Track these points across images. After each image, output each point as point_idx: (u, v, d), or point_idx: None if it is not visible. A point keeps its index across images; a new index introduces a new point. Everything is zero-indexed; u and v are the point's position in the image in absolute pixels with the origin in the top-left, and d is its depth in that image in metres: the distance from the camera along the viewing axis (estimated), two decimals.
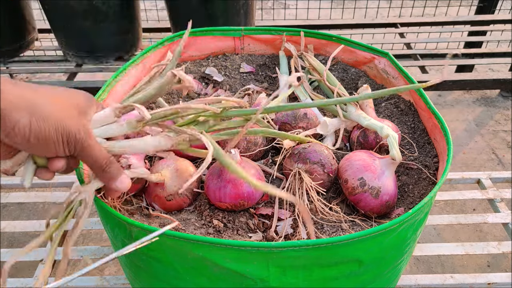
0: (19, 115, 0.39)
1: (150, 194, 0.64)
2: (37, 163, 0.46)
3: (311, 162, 0.62)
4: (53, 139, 0.42)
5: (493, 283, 0.81)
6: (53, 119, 0.41)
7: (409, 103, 0.79)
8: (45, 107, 0.41)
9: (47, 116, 0.41)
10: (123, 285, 0.82)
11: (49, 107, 0.42)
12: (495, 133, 1.86)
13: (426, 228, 1.37)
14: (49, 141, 0.42)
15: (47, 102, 0.42)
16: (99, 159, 0.46)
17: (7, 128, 0.39)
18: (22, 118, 0.39)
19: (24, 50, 1.63)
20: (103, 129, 0.49)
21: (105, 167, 0.47)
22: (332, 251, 0.49)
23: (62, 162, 0.45)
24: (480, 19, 1.88)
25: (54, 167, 0.45)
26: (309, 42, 0.91)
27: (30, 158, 0.45)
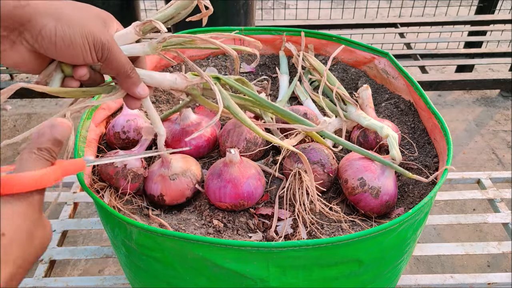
0: (46, 20, 0.42)
1: (152, 177, 0.63)
2: (64, 72, 0.49)
3: (311, 162, 0.62)
4: (80, 44, 0.44)
5: (493, 283, 0.81)
6: (79, 25, 0.44)
7: (409, 103, 0.79)
8: (71, 15, 0.44)
9: (72, 22, 0.44)
10: (123, 285, 0.82)
11: (75, 14, 0.45)
12: (495, 133, 1.86)
13: (426, 228, 1.37)
14: (75, 45, 0.44)
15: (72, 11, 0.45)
16: (125, 64, 0.49)
17: (35, 32, 0.42)
18: (49, 23, 0.43)
19: None
20: (126, 48, 0.52)
21: (129, 72, 0.50)
22: (332, 251, 0.49)
23: (85, 70, 0.48)
24: (480, 19, 1.88)
25: (78, 74, 0.48)
26: (309, 42, 0.91)
27: (58, 67, 0.48)
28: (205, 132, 0.71)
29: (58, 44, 0.44)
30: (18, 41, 0.43)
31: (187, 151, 0.69)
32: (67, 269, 1.29)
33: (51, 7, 0.43)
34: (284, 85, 0.86)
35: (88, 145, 0.66)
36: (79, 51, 0.45)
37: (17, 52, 0.44)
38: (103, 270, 1.29)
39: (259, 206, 0.64)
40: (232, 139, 0.67)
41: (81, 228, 0.94)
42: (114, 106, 0.76)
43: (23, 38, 0.43)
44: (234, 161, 0.60)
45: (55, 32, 0.43)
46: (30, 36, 0.43)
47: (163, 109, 0.82)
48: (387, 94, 0.83)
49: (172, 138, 0.70)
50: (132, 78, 0.51)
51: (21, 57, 0.45)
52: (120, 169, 0.62)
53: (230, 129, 0.69)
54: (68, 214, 0.97)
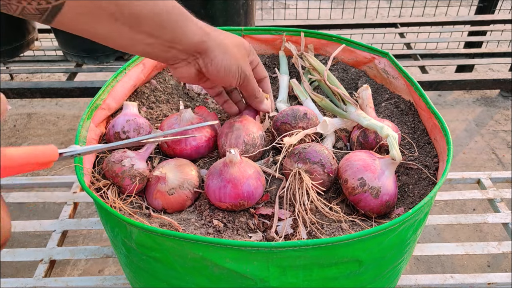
0: (216, 53, 0.58)
1: (151, 192, 0.64)
2: None
3: (311, 162, 0.62)
4: (233, 73, 0.60)
5: (493, 283, 0.81)
6: (235, 59, 0.59)
7: (409, 103, 0.79)
8: (232, 49, 0.59)
9: (232, 56, 0.59)
10: (123, 285, 0.82)
11: (234, 49, 0.60)
12: (495, 133, 1.86)
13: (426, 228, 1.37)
14: (232, 74, 0.60)
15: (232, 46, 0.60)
16: (255, 89, 0.67)
17: (208, 60, 0.58)
18: (218, 55, 0.58)
19: (24, 50, 1.63)
20: None
21: (257, 94, 0.68)
22: (332, 251, 0.49)
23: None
24: (480, 19, 1.88)
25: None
26: (309, 42, 0.91)
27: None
28: (205, 132, 0.71)
29: (220, 71, 0.59)
30: (192, 63, 0.59)
31: (187, 152, 0.69)
32: (67, 269, 1.29)
33: (222, 43, 0.58)
34: (284, 85, 0.86)
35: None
36: (232, 78, 0.61)
37: (188, 70, 0.60)
38: (103, 270, 1.29)
39: (259, 206, 0.64)
40: (230, 142, 0.67)
41: (81, 228, 0.94)
42: (114, 106, 0.76)
43: (196, 62, 0.59)
44: (234, 161, 0.60)
45: (222, 62, 0.58)
46: (203, 62, 0.58)
47: (163, 109, 0.82)
48: (387, 94, 0.83)
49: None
50: (258, 98, 0.68)
51: (188, 73, 0.60)
52: (127, 168, 0.62)
53: (227, 132, 0.68)
54: (68, 214, 0.97)
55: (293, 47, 0.89)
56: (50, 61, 1.64)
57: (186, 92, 0.88)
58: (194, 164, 0.69)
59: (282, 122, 0.71)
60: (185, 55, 0.57)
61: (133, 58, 0.80)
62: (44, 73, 1.62)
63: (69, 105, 2.04)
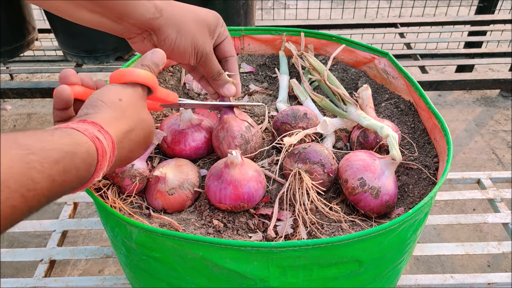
0: (170, 31, 0.57)
1: (151, 192, 0.64)
2: None
3: (311, 162, 0.62)
4: (189, 52, 0.59)
5: (493, 283, 0.81)
6: (191, 36, 0.58)
7: (409, 103, 0.79)
8: (188, 27, 0.58)
9: (188, 33, 0.58)
10: (123, 285, 0.82)
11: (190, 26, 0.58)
12: (495, 133, 1.86)
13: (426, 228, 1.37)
14: (186, 52, 0.59)
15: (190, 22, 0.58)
16: (214, 70, 0.63)
17: (161, 38, 0.57)
18: (171, 34, 0.57)
19: (24, 50, 1.63)
20: None
21: (217, 76, 0.64)
22: (332, 251, 0.49)
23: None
24: (480, 19, 1.88)
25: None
26: (309, 42, 0.91)
27: None
28: (204, 133, 0.71)
29: (175, 50, 0.58)
30: (147, 39, 0.59)
31: (186, 152, 0.69)
32: (67, 269, 1.29)
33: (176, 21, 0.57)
34: (284, 85, 0.86)
35: None
36: (187, 56, 0.59)
37: (144, 45, 0.59)
38: (103, 270, 1.29)
39: (259, 206, 0.64)
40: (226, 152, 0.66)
41: (81, 228, 0.94)
42: None
43: (151, 39, 0.58)
44: (235, 162, 0.60)
45: (175, 42, 0.57)
46: (156, 39, 0.58)
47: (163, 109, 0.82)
48: (387, 94, 0.83)
49: (172, 139, 0.70)
50: (220, 80, 0.65)
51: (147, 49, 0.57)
52: (127, 168, 0.62)
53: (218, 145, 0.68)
54: (68, 214, 0.97)
55: (293, 47, 0.89)
56: (50, 61, 1.64)
57: (186, 92, 0.88)
58: (194, 164, 0.69)
59: (282, 122, 0.71)
60: (139, 30, 0.57)
61: (133, 58, 0.80)
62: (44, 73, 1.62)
63: None
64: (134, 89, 0.48)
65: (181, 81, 0.89)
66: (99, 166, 0.40)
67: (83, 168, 0.38)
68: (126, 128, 0.45)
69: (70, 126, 0.39)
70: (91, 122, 0.41)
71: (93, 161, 0.39)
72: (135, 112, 0.47)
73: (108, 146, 0.41)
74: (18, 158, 0.32)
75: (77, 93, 0.50)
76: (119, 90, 0.46)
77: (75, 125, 0.40)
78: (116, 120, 0.44)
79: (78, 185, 0.39)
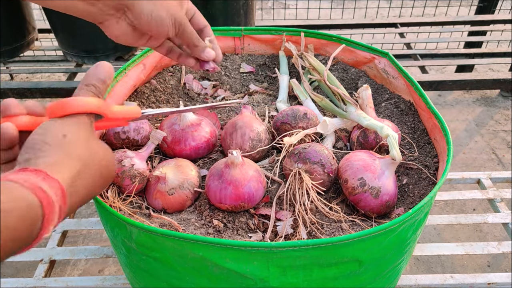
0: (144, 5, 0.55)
1: (151, 192, 0.64)
2: None
3: (311, 162, 0.62)
4: (167, 23, 0.58)
5: (493, 283, 0.81)
6: (166, 9, 0.57)
7: (409, 103, 0.79)
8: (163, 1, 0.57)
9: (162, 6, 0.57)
10: (123, 285, 0.82)
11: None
12: (495, 133, 1.86)
13: (426, 228, 1.37)
14: (164, 24, 0.58)
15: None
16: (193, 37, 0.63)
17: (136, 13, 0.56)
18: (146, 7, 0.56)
19: (24, 50, 1.63)
20: None
21: (197, 42, 0.64)
22: (332, 251, 0.49)
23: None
24: (480, 19, 1.88)
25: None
26: (309, 42, 0.91)
27: None
28: (204, 133, 0.71)
29: (152, 23, 0.57)
30: (122, 18, 0.57)
31: (186, 152, 0.69)
32: (67, 269, 1.29)
33: None
34: (284, 85, 0.86)
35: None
36: (166, 28, 0.58)
37: (120, 27, 0.57)
38: (103, 270, 1.29)
39: (259, 206, 0.64)
40: (236, 141, 0.67)
41: (81, 228, 0.94)
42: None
43: (126, 17, 0.57)
44: (236, 162, 0.60)
45: (151, 15, 0.56)
46: (132, 16, 0.56)
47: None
48: (387, 94, 0.83)
49: (172, 139, 0.70)
50: (198, 46, 0.64)
51: (122, 31, 0.58)
52: (127, 168, 0.62)
53: (231, 132, 0.69)
54: None
55: (293, 47, 0.89)
56: (50, 61, 1.64)
57: (186, 92, 0.88)
58: (194, 164, 0.69)
59: (282, 122, 0.71)
60: (112, 10, 0.55)
61: (133, 58, 0.80)
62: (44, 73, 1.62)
63: None
64: (78, 121, 0.42)
65: (181, 81, 0.89)
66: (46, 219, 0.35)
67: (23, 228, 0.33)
68: (76, 168, 0.40)
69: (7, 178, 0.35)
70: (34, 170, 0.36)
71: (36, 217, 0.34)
72: (83, 147, 0.41)
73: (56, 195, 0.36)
74: None
75: (23, 125, 0.44)
76: (61, 125, 0.41)
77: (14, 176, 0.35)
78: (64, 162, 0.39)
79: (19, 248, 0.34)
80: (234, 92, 0.89)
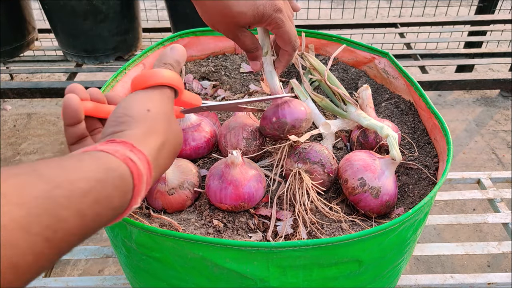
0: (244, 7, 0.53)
1: (151, 192, 0.64)
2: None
3: (311, 162, 0.62)
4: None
5: (493, 283, 0.81)
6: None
7: (409, 103, 0.79)
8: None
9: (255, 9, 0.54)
10: (123, 285, 0.82)
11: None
12: (495, 133, 1.86)
13: (426, 228, 1.37)
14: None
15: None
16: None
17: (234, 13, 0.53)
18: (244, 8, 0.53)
19: (24, 50, 1.63)
20: None
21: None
22: (332, 251, 0.49)
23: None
24: (480, 19, 1.88)
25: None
26: (309, 42, 0.91)
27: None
28: (204, 133, 0.71)
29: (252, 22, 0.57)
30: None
31: (186, 152, 0.69)
32: (67, 269, 1.29)
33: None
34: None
35: None
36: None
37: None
38: (103, 270, 1.29)
39: (259, 206, 0.64)
40: (231, 142, 0.67)
41: None
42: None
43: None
44: (236, 162, 0.60)
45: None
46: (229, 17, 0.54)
47: None
48: (387, 94, 0.83)
49: None
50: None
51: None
52: None
53: (225, 133, 0.68)
54: None
55: None
56: (50, 61, 1.64)
57: None
58: (194, 164, 0.69)
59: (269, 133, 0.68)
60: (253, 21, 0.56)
61: (133, 58, 0.80)
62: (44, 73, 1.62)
63: None
64: (161, 94, 0.42)
65: None
66: (136, 191, 0.35)
67: (117, 197, 0.33)
68: (159, 143, 0.40)
69: (98, 148, 0.35)
70: (121, 142, 0.36)
71: (128, 187, 0.34)
72: (165, 122, 0.42)
73: (144, 167, 0.36)
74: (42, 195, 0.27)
75: (88, 110, 0.46)
76: (145, 98, 0.41)
77: (103, 146, 0.35)
78: (148, 136, 0.39)
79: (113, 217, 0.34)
80: (234, 92, 0.89)
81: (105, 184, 0.32)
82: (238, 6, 0.53)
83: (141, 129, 0.39)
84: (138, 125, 0.39)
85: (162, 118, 0.41)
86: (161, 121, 0.41)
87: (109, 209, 0.33)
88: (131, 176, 0.34)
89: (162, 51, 0.47)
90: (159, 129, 0.40)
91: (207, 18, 0.56)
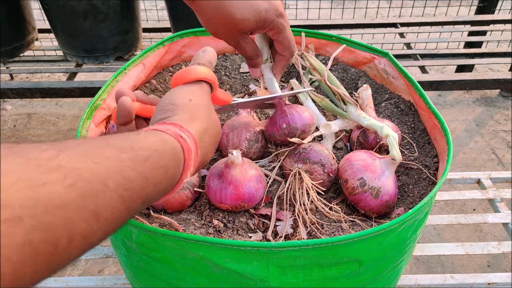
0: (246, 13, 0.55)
1: None
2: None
3: (311, 162, 0.62)
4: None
5: (493, 283, 0.81)
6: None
7: (409, 103, 0.79)
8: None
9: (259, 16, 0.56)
10: (123, 285, 0.82)
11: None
12: (495, 133, 1.86)
13: (426, 228, 1.37)
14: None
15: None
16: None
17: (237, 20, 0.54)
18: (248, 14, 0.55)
19: (24, 50, 1.63)
20: None
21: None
22: (332, 251, 0.49)
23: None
24: (480, 19, 1.88)
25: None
26: (309, 42, 0.91)
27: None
28: None
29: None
30: None
31: None
32: (67, 269, 1.29)
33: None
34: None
35: None
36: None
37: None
38: (103, 270, 1.29)
39: (259, 206, 0.64)
40: (233, 142, 0.67)
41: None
42: (114, 106, 0.76)
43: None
44: (236, 162, 0.60)
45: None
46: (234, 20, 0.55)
47: None
48: (387, 94, 0.83)
49: None
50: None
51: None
52: None
53: (228, 133, 0.68)
54: None
55: None
56: (50, 61, 1.64)
57: None
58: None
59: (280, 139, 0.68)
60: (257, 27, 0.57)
61: (133, 58, 0.80)
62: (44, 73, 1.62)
63: (69, 105, 2.04)
64: (200, 87, 0.47)
65: None
66: (186, 165, 0.39)
67: (172, 167, 0.37)
68: (202, 127, 0.44)
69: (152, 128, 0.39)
70: (171, 123, 0.40)
71: (179, 160, 0.38)
72: (206, 112, 0.46)
73: (192, 144, 0.40)
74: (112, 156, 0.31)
75: (136, 110, 0.50)
76: (186, 91, 0.46)
77: (157, 126, 0.40)
78: (192, 121, 0.43)
79: (168, 187, 0.38)
80: (234, 92, 0.89)
81: (162, 154, 0.36)
82: (241, 13, 0.54)
83: (186, 115, 0.42)
84: (182, 112, 0.43)
85: (203, 107, 0.45)
86: (202, 109, 0.45)
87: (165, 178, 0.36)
88: (181, 151, 0.39)
89: (196, 54, 0.51)
90: (201, 116, 0.44)
91: (209, 26, 0.58)
